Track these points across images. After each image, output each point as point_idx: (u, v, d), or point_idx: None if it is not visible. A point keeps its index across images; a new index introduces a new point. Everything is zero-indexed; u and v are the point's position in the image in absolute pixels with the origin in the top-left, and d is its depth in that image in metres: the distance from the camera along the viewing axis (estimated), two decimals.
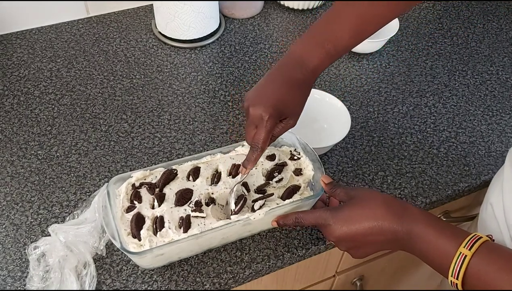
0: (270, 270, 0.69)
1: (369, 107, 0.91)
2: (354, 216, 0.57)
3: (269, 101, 0.61)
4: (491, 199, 0.68)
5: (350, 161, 0.81)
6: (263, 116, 0.60)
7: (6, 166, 0.78)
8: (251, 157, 0.63)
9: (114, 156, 0.80)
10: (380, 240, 0.56)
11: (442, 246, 0.52)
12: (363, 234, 0.57)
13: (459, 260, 0.49)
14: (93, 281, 0.63)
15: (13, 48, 0.98)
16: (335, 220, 0.58)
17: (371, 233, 0.56)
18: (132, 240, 0.60)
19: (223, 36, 1.04)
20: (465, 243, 0.50)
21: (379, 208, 0.56)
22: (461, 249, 0.50)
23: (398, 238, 0.55)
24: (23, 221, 0.71)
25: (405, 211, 0.56)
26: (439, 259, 0.52)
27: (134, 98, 0.89)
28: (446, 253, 0.51)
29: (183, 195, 0.64)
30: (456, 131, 0.87)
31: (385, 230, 0.55)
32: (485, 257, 0.49)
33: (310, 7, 1.10)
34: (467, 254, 0.49)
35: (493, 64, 1.01)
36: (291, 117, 0.64)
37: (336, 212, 0.59)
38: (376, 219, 0.56)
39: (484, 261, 0.49)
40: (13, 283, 0.64)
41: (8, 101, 0.88)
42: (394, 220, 0.55)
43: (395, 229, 0.55)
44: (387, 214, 0.55)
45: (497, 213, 0.65)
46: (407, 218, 0.55)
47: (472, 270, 0.49)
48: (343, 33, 0.64)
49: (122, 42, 1.01)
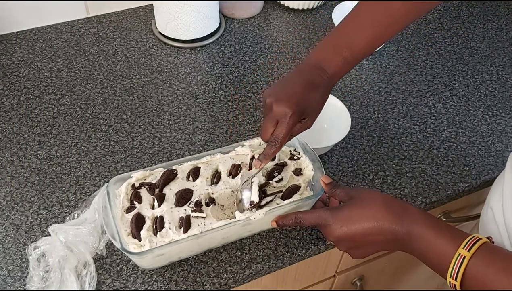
0: (270, 270, 0.69)
1: (369, 107, 0.91)
2: (354, 216, 0.57)
3: (293, 99, 0.62)
4: (491, 203, 0.68)
5: (350, 161, 0.81)
6: (286, 112, 0.61)
7: (6, 166, 0.78)
8: (268, 152, 0.63)
9: (114, 156, 0.80)
10: (379, 240, 0.56)
11: (441, 246, 0.52)
12: (363, 234, 0.57)
13: (458, 261, 0.49)
14: (93, 281, 0.63)
15: (13, 48, 0.98)
16: (335, 220, 0.58)
17: (371, 233, 0.56)
18: (132, 240, 0.60)
19: (223, 36, 1.04)
20: (464, 244, 0.50)
21: (379, 208, 0.56)
22: (460, 250, 0.50)
23: (398, 238, 0.55)
24: (23, 221, 0.71)
25: (405, 211, 0.56)
26: (438, 259, 0.52)
27: (134, 98, 0.89)
28: (445, 253, 0.51)
29: (183, 195, 0.64)
30: (456, 131, 0.87)
31: (384, 230, 0.55)
32: (484, 258, 0.49)
33: (310, 7, 1.10)
34: (466, 255, 0.49)
35: (493, 64, 1.01)
36: (310, 118, 0.65)
37: (336, 212, 0.59)
38: (376, 219, 0.56)
39: (483, 262, 0.49)
40: (13, 283, 0.64)
41: (8, 101, 0.88)
42: (394, 220, 0.55)
43: (395, 229, 0.55)
44: (387, 214, 0.56)
45: (497, 217, 0.66)
46: (407, 218, 0.55)
47: (470, 271, 0.49)
48: (359, 41, 0.65)
49: (122, 42, 1.01)
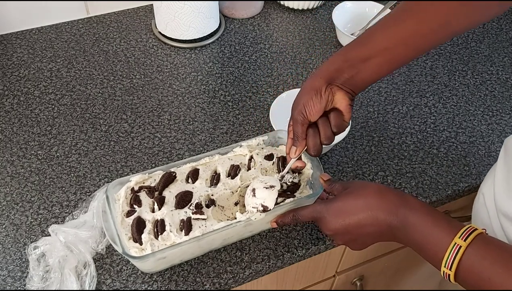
0: (270, 270, 0.69)
1: (369, 107, 0.91)
2: (348, 207, 0.57)
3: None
4: (483, 189, 0.69)
5: (350, 161, 0.81)
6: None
7: (6, 166, 0.78)
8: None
9: (114, 156, 0.80)
10: (375, 230, 0.56)
11: (437, 235, 0.51)
12: (358, 225, 0.56)
13: (454, 250, 0.49)
14: (93, 281, 0.64)
15: (13, 48, 0.98)
16: (329, 212, 0.58)
17: (366, 223, 0.56)
18: (134, 244, 0.60)
19: (223, 36, 1.04)
20: (460, 234, 0.50)
21: (373, 197, 0.56)
22: (456, 240, 0.50)
23: (393, 227, 0.55)
24: (23, 221, 0.71)
25: (400, 199, 0.55)
26: (434, 248, 0.52)
27: (134, 98, 0.89)
28: (440, 243, 0.51)
29: (183, 198, 0.64)
30: (456, 131, 0.87)
31: (379, 219, 0.55)
32: (479, 248, 0.49)
33: (310, 7, 1.10)
34: (462, 244, 0.49)
35: (493, 64, 1.01)
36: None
37: (330, 204, 0.59)
38: (370, 208, 0.55)
39: (478, 252, 0.49)
40: (13, 283, 0.64)
41: (8, 101, 0.88)
42: (388, 209, 0.55)
43: (390, 218, 0.54)
44: (381, 203, 0.55)
45: (488, 202, 0.66)
46: (402, 207, 0.54)
47: (466, 261, 0.49)
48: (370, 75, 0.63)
49: (122, 42, 1.01)
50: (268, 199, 0.61)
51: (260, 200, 0.61)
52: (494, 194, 0.64)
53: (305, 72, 0.96)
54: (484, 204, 0.67)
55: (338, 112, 0.62)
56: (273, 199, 0.61)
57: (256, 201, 0.61)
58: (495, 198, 0.64)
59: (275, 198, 0.61)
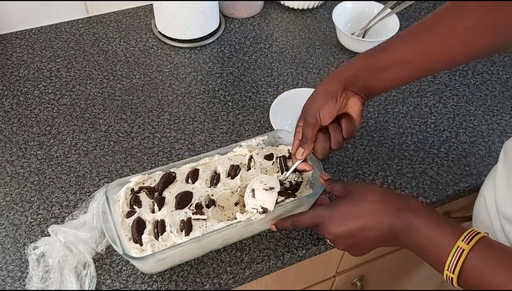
0: (270, 270, 0.69)
1: (369, 107, 0.90)
2: (351, 211, 0.57)
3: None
4: (484, 192, 0.69)
5: (350, 161, 0.81)
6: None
7: (5, 166, 0.77)
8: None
9: (114, 156, 0.80)
10: (378, 234, 0.56)
11: (440, 239, 0.51)
12: (361, 229, 0.56)
13: (457, 254, 0.49)
14: (93, 281, 0.63)
15: (13, 48, 0.98)
16: (332, 216, 0.58)
17: (369, 228, 0.56)
18: (134, 245, 0.59)
19: (223, 36, 1.04)
20: (463, 237, 0.50)
21: (376, 203, 0.56)
22: (459, 243, 0.49)
23: (396, 231, 0.54)
24: (23, 221, 0.71)
25: (403, 203, 0.55)
26: (436, 252, 0.52)
27: (134, 98, 0.89)
28: (443, 246, 0.51)
29: (183, 198, 0.64)
30: (456, 131, 0.87)
31: (382, 223, 0.55)
32: (482, 252, 0.49)
33: (310, 7, 1.10)
34: (465, 248, 0.49)
35: (493, 64, 1.01)
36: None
37: (333, 208, 0.59)
38: (374, 213, 0.55)
39: (481, 256, 0.49)
40: (13, 284, 0.64)
41: (8, 101, 0.88)
42: (391, 213, 0.55)
43: (393, 221, 0.54)
44: (385, 207, 0.55)
45: (489, 204, 0.66)
46: (405, 210, 0.54)
47: (469, 265, 0.49)
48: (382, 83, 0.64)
49: (122, 42, 1.01)
50: (268, 201, 0.61)
51: (260, 202, 0.61)
52: (495, 197, 0.64)
53: (305, 72, 0.96)
54: (485, 206, 0.67)
55: (350, 119, 0.63)
56: (273, 201, 0.61)
57: (256, 203, 0.61)
58: (496, 200, 0.64)
59: (274, 199, 0.61)
